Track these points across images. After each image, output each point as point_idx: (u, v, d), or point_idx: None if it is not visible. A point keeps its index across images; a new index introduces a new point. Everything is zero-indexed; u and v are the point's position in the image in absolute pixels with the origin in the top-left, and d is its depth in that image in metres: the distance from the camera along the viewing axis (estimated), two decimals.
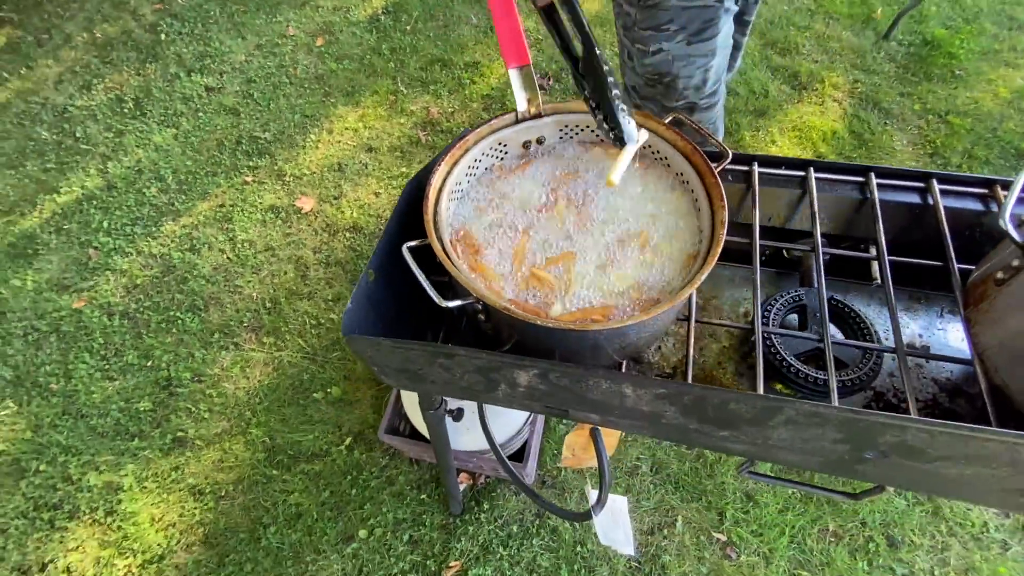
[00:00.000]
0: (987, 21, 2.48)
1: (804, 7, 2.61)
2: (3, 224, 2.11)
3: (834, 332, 0.83)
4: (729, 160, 0.69)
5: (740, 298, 0.92)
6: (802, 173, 0.84)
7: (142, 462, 1.61)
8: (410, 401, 1.35)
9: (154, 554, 1.48)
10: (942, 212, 0.78)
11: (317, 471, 1.57)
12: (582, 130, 0.78)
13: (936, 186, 0.80)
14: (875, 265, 0.80)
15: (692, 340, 0.69)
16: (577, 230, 0.70)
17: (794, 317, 0.86)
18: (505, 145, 0.77)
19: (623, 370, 0.68)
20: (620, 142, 0.65)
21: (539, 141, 0.79)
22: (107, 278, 1.96)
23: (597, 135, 0.78)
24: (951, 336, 0.83)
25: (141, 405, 1.70)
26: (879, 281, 0.83)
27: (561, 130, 0.78)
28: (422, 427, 1.28)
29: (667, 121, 0.73)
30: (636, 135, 0.65)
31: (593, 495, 0.90)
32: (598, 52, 0.62)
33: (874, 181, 0.82)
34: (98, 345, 1.82)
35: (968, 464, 0.50)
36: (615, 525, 0.97)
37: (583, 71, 0.63)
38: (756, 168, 0.85)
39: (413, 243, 0.64)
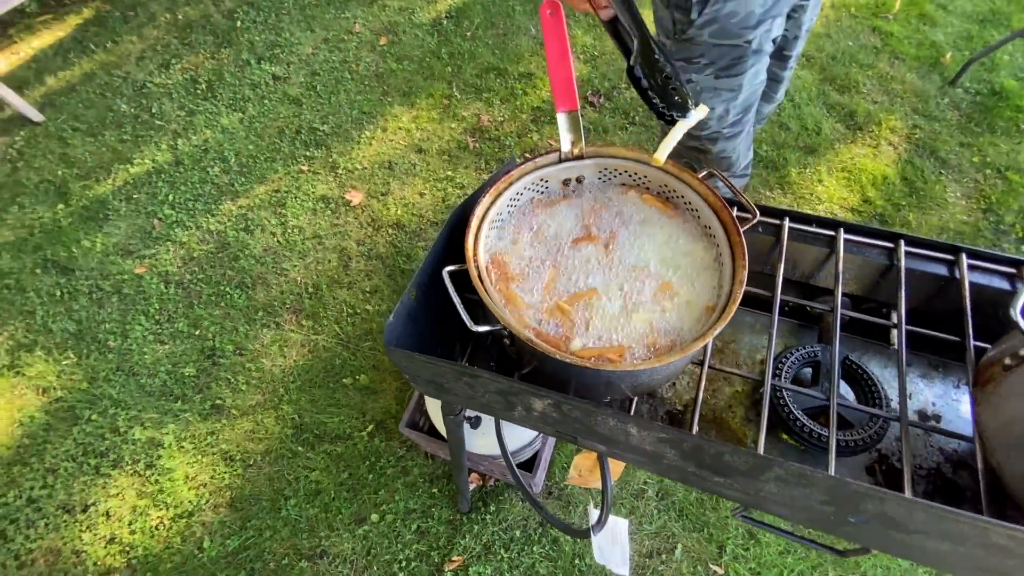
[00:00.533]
0: None
1: (870, 44, 2.56)
2: (80, 188, 2.30)
3: (845, 391, 0.85)
4: (756, 220, 0.73)
5: (759, 345, 0.95)
6: (831, 233, 0.87)
7: (182, 423, 1.74)
8: (432, 401, 1.42)
9: (185, 510, 1.60)
10: (967, 287, 0.79)
11: (339, 452, 1.67)
12: (620, 174, 0.83)
13: (964, 260, 0.81)
14: (895, 331, 0.82)
15: (703, 385, 0.74)
16: (603, 269, 0.75)
17: (808, 371, 0.88)
18: (547, 181, 0.83)
19: (634, 405, 0.73)
20: (671, 119, 0.72)
21: (579, 180, 0.84)
22: (167, 248, 2.11)
23: (633, 178, 0.83)
24: (964, 408, 0.84)
25: (186, 370, 1.84)
26: (896, 346, 0.85)
27: (600, 172, 0.83)
28: (440, 426, 1.35)
29: (701, 175, 0.77)
30: (690, 111, 0.72)
31: (595, 514, 0.95)
32: (652, 43, 0.70)
33: (903, 248, 0.84)
34: (154, 310, 1.96)
35: (944, 540, 0.52)
36: (613, 545, 1.02)
37: (638, 62, 0.71)
38: (787, 223, 0.88)
39: (453, 268, 0.70)
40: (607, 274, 0.74)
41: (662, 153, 0.74)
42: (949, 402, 0.85)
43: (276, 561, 1.52)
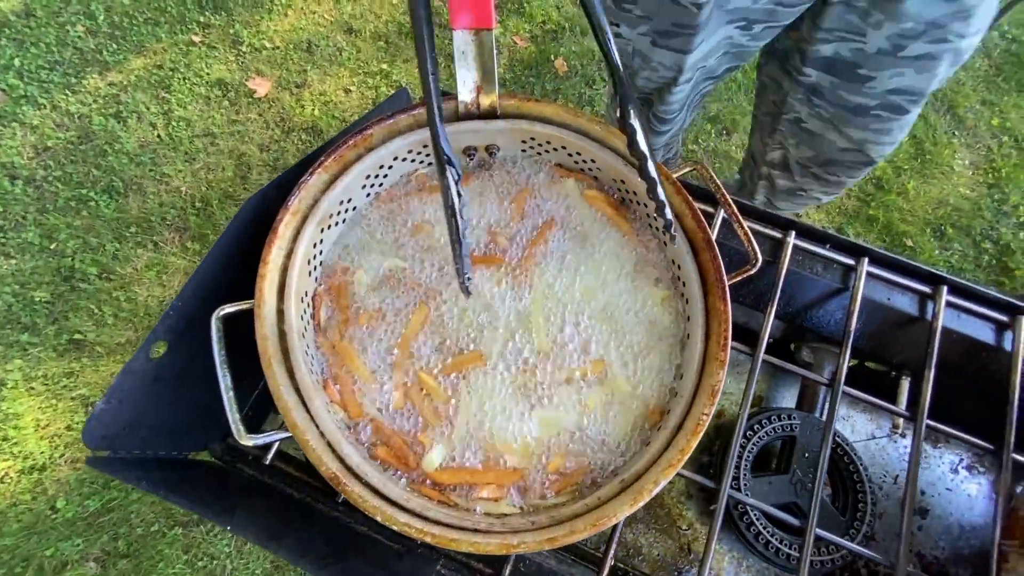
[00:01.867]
0: None
1: None
2: None
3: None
4: (757, 270, 0.45)
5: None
6: (851, 262, 0.60)
7: (32, 360, 1.44)
8: None
9: (35, 463, 1.36)
10: (1020, 370, 0.56)
11: None
12: (554, 149, 0.52)
13: None
14: (903, 419, 0.59)
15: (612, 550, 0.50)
16: (503, 317, 0.47)
17: (777, 442, 0.66)
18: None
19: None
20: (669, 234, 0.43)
21: (489, 151, 0.52)
22: (13, 132, 1.65)
23: (574, 159, 0.52)
24: (959, 500, 0.66)
25: (37, 294, 1.50)
26: (900, 433, 0.63)
27: (524, 142, 0.52)
28: None
29: (681, 173, 0.47)
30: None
31: None
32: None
33: (944, 298, 0.58)
34: None
35: None
36: None
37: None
38: (791, 239, 0.60)
39: (232, 308, 0.41)
40: (508, 327, 0.46)
41: None
42: (942, 492, 0.66)
43: (144, 526, 1.33)
